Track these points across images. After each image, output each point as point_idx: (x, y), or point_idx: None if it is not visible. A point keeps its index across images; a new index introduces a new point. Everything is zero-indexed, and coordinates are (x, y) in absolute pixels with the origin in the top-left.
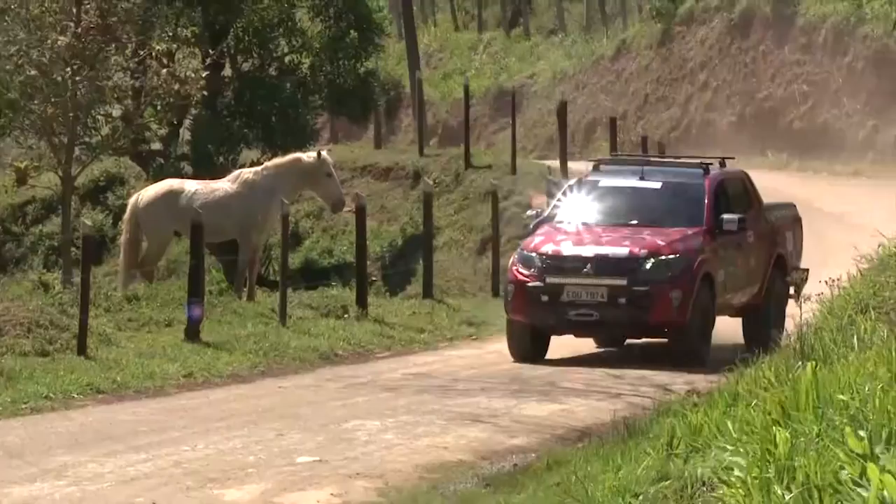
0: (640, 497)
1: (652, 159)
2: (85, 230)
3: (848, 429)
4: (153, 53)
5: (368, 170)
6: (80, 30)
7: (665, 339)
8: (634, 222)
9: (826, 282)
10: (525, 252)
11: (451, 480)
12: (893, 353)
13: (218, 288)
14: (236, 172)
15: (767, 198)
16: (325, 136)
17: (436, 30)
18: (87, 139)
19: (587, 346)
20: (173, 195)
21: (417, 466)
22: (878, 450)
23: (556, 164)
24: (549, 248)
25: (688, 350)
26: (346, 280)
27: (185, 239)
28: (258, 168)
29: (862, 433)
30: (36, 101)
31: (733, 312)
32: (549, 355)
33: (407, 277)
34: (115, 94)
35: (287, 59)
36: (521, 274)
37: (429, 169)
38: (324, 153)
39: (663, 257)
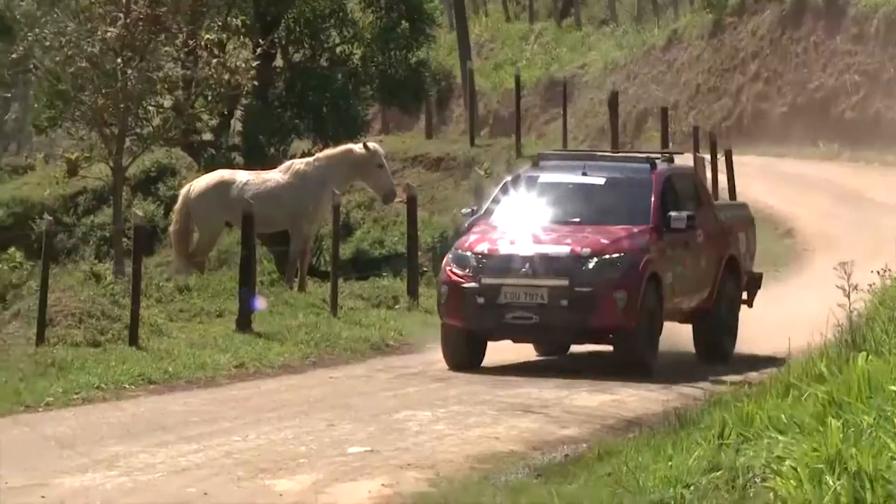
0: (692, 487)
1: (596, 153)
2: (136, 221)
3: None
4: (204, 43)
5: (420, 160)
6: (129, 20)
7: (607, 346)
8: (577, 220)
9: (878, 272)
10: (459, 251)
11: (503, 471)
12: None
13: (269, 278)
14: (288, 163)
15: (819, 189)
16: (377, 126)
17: (487, 20)
18: (138, 130)
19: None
20: (225, 186)
21: (469, 457)
22: None
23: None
24: (484, 247)
25: (633, 357)
26: (397, 270)
27: (236, 229)
28: (310, 159)
29: None
30: (87, 92)
31: (682, 318)
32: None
33: None
34: (165, 84)
35: (338, 49)
36: (455, 274)
37: (480, 159)
38: (375, 144)
39: (607, 256)
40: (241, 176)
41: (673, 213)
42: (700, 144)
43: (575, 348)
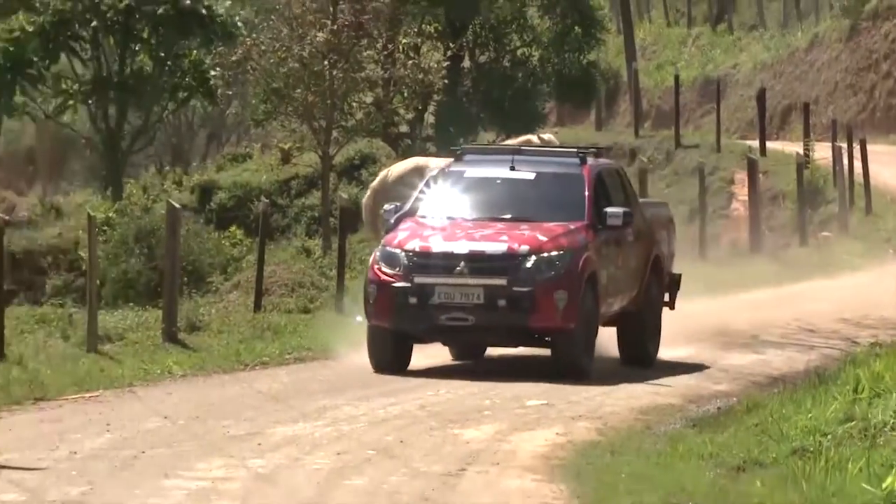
0: (829, 436)
1: (523, 148)
2: (342, 203)
3: None
4: (401, 47)
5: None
6: (336, 27)
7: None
8: (508, 216)
9: None
10: (388, 249)
11: (662, 422)
12: None
13: None
14: None
15: None
16: (552, 119)
17: (650, 25)
18: (343, 123)
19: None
20: (420, 170)
21: (633, 409)
22: None
23: (755, 143)
24: (415, 245)
25: (570, 360)
26: None
27: None
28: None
29: None
30: (298, 90)
31: (607, 320)
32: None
33: None
34: (367, 83)
35: (519, 51)
36: (385, 273)
37: (643, 148)
38: (549, 135)
39: (545, 254)
40: (434, 162)
41: (609, 210)
42: (837, 135)
43: (492, 351)
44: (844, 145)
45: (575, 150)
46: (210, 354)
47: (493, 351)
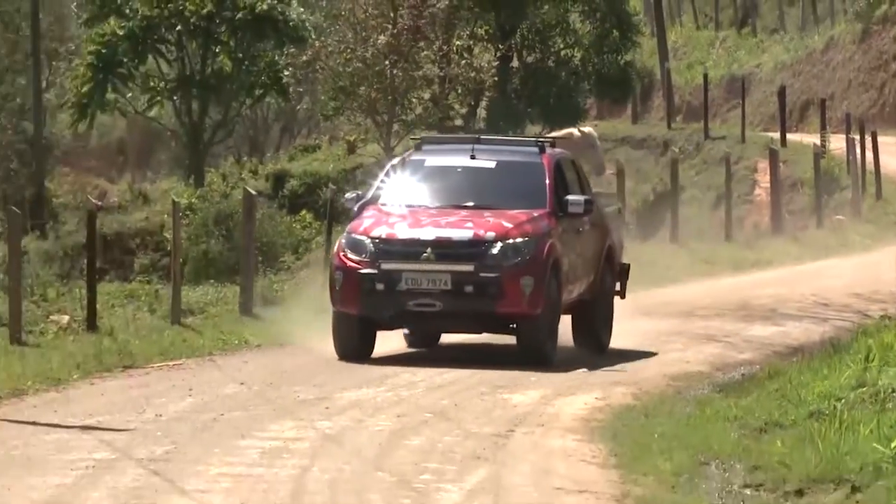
0: (842, 401)
1: (481, 137)
2: None
3: None
4: (455, 48)
5: (627, 141)
6: (396, 30)
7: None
8: (470, 204)
9: None
10: (354, 236)
11: (692, 387)
12: None
13: None
14: None
15: None
16: (592, 114)
17: (681, 29)
18: (403, 117)
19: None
20: None
21: (665, 376)
22: None
23: (776, 135)
24: (381, 231)
25: (535, 346)
26: None
27: None
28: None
29: None
30: (362, 88)
31: (565, 308)
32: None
33: (657, 226)
34: (424, 81)
35: (562, 53)
36: (351, 260)
37: (675, 140)
38: (589, 129)
39: (511, 241)
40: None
41: (570, 197)
42: (851, 128)
43: (447, 338)
44: (857, 137)
45: (534, 139)
46: (282, 326)
47: (447, 338)
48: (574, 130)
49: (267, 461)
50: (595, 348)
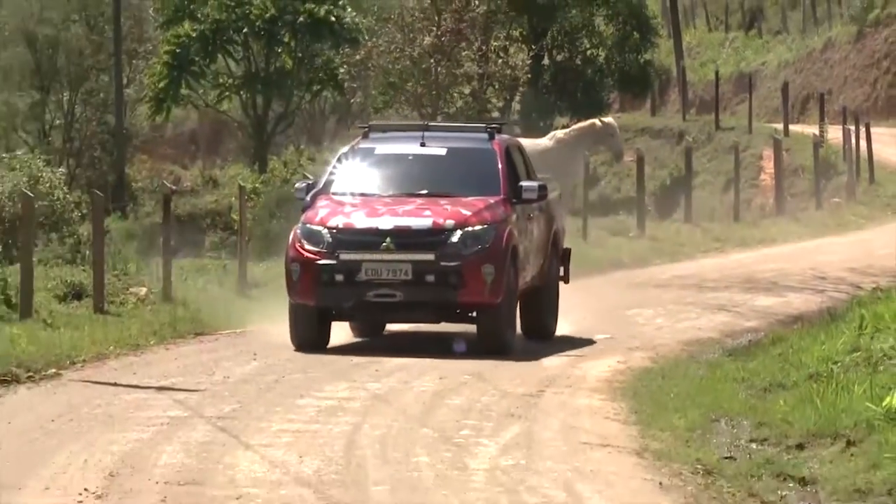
0: (838, 364)
1: (430, 125)
2: None
3: None
4: (492, 48)
5: (645, 131)
6: (440, 32)
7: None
8: (424, 192)
9: None
10: (310, 226)
11: (704, 352)
12: None
13: None
14: (552, 133)
15: None
16: (615, 107)
17: (695, 31)
18: (446, 110)
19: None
20: None
21: (679, 342)
22: None
23: (780, 126)
24: (338, 221)
25: (495, 335)
26: (629, 209)
27: None
28: (567, 130)
29: None
30: (409, 84)
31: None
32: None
33: (672, 207)
34: (465, 77)
35: (588, 52)
36: (308, 251)
37: (689, 130)
38: (609, 119)
39: (470, 229)
40: (521, 141)
41: (524, 183)
42: (847, 120)
43: (392, 327)
44: (852, 128)
45: (483, 126)
46: None
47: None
48: (596, 121)
49: (323, 418)
50: (542, 334)
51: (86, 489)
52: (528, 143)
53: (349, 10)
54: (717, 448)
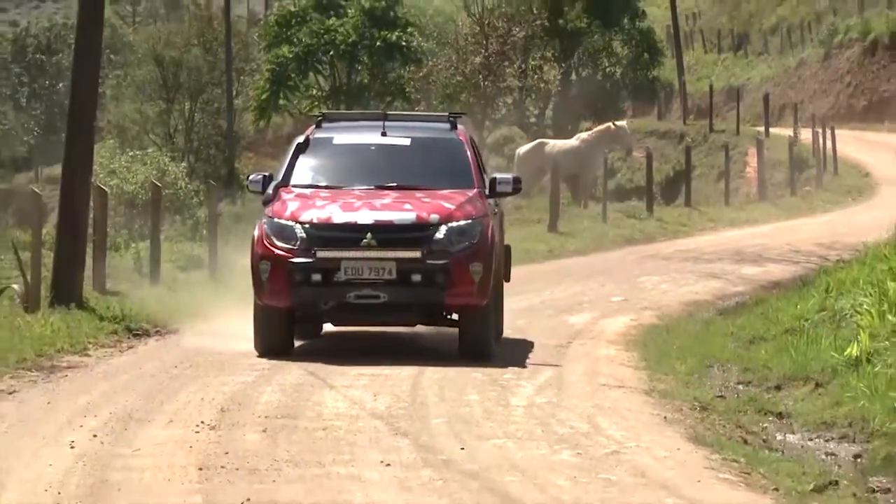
0: (809, 321)
1: (388, 113)
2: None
3: None
4: (530, 66)
5: (653, 133)
6: (487, 53)
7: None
8: (394, 184)
9: None
10: (278, 221)
11: (700, 311)
12: None
13: (567, 200)
14: (578, 135)
15: (886, 150)
16: (629, 113)
17: (693, 52)
18: (492, 116)
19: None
20: (542, 147)
21: (680, 303)
22: None
23: (762, 129)
24: (312, 216)
25: (479, 339)
26: (640, 196)
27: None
28: (589, 132)
29: None
30: (462, 95)
31: None
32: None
33: (675, 195)
34: (507, 90)
35: (607, 69)
36: (278, 248)
37: (688, 132)
38: (622, 123)
39: (455, 224)
40: (552, 142)
41: (499, 175)
42: (816, 124)
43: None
44: (820, 131)
45: (444, 115)
46: None
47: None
48: (611, 124)
49: (393, 365)
50: (494, 336)
51: (202, 422)
52: (559, 142)
53: (416, 35)
54: (710, 389)
